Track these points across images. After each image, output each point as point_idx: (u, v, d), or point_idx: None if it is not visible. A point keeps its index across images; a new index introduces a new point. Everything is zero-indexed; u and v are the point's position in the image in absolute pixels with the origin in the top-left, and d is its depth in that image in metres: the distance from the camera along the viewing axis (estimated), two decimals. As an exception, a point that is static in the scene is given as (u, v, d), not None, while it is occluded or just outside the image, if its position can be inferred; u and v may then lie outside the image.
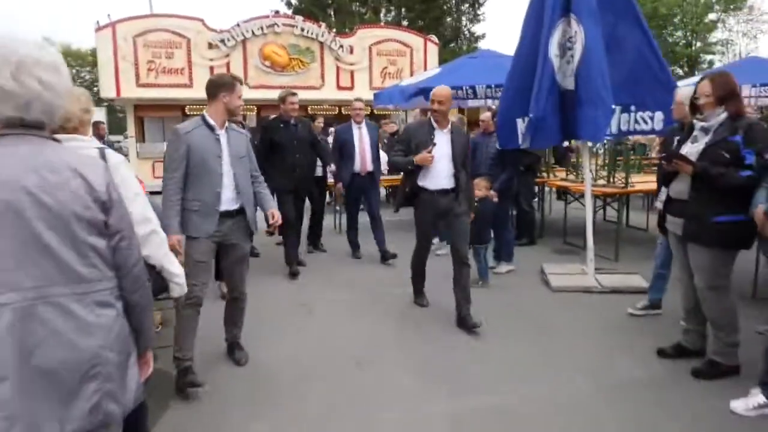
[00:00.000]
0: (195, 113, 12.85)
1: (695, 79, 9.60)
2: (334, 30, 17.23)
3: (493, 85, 7.55)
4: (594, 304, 4.83)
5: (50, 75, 1.47)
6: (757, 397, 3.00)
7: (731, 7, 29.53)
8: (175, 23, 14.73)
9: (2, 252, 1.36)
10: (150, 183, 8.66)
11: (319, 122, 9.32)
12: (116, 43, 14.25)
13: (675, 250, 3.65)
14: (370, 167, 6.36)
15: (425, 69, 16.32)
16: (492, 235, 5.58)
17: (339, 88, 16.04)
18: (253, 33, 15.17)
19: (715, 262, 3.29)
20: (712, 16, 29.83)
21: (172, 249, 2.81)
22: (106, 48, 14.31)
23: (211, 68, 14.89)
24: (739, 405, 3.03)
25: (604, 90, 4.61)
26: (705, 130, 3.34)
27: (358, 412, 3.14)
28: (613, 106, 4.83)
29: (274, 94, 17.23)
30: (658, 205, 3.83)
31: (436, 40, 17.91)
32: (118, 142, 19.55)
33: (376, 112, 14.14)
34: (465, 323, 4.27)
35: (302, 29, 15.65)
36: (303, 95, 14.52)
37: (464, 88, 7.79)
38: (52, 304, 1.41)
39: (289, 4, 24.35)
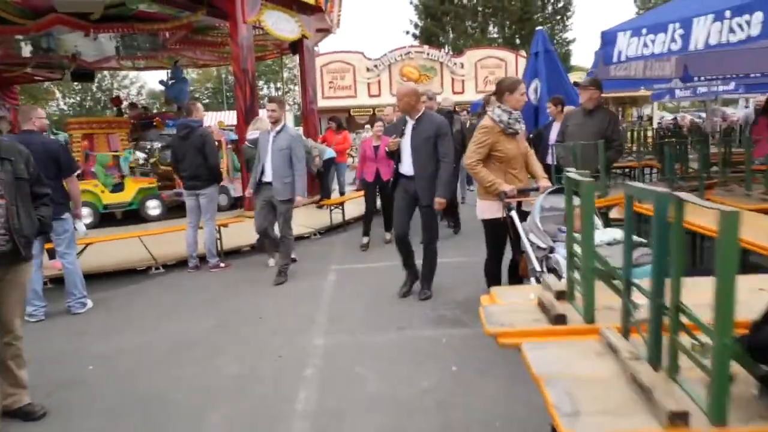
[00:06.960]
0: (357, 114, 20.70)
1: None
2: (451, 51, 24.32)
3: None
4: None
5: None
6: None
7: None
8: (346, 56, 22.73)
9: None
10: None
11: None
12: (311, 72, 22.56)
13: None
14: None
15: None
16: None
17: (453, 93, 23.09)
18: (395, 59, 22.77)
19: None
20: None
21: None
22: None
23: (368, 85, 22.70)
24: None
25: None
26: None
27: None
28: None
29: (410, 102, 24.85)
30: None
31: (524, 54, 24.26)
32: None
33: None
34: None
35: (428, 54, 23.01)
36: (428, 101, 21.89)
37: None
38: None
39: (416, 26, 31.64)
